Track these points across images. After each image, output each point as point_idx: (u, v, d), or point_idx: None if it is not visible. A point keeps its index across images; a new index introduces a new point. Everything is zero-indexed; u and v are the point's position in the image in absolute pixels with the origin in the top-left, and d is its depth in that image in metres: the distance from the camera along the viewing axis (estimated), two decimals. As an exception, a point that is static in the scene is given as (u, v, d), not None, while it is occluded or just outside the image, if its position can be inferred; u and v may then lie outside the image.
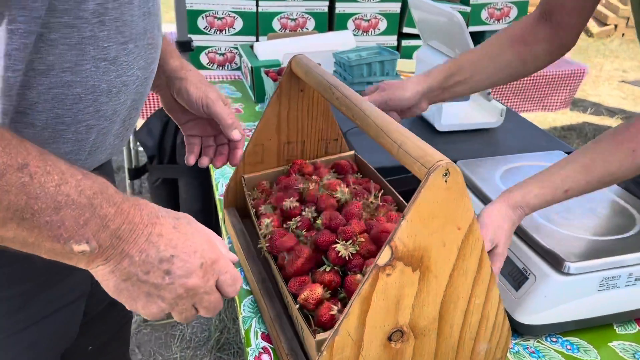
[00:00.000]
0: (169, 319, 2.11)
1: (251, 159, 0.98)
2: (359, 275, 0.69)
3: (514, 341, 0.82)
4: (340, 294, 0.71)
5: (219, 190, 1.21)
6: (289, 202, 0.82)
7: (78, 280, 0.77)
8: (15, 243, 0.49)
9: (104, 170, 0.82)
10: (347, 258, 0.70)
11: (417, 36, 2.15)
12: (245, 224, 0.99)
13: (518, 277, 0.84)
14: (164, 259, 0.54)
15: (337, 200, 0.81)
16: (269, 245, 0.79)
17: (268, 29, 1.98)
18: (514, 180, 1.02)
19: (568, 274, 0.79)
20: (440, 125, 1.35)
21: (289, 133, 0.98)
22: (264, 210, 0.88)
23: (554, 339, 0.83)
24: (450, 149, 1.24)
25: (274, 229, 0.81)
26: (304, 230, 0.78)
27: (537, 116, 4.04)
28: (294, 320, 0.75)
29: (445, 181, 0.56)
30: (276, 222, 0.83)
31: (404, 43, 2.21)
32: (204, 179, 1.97)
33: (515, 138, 1.36)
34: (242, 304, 0.87)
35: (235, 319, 0.79)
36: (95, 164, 0.70)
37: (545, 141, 1.33)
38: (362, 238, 0.72)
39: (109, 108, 0.65)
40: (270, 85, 1.55)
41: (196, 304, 0.58)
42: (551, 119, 4.11)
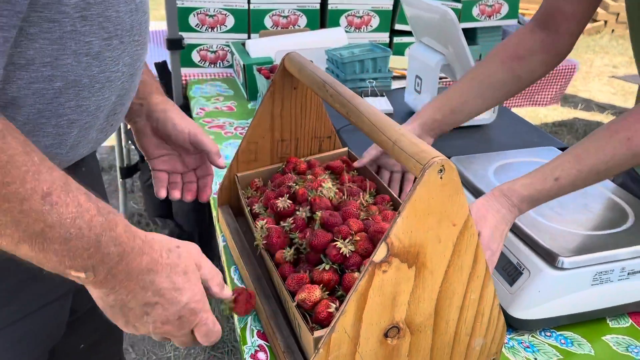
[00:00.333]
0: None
1: (245, 157, 0.98)
2: (356, 274, 0.69)
3: (509, 336, 0.83)
4: (338, 292, 0.71)
5: (213, 188, 1.21)
6: (282, 202, 0.82)
7: (64, 277, 0.78)
8: (20, 256, 0.52)
9: (88, 165, 0.83)
10: (347, 256, 0.70)
11: (410, 33, 2.15)
12: (239, 221, 0.99)
13: (512, 273, 0.84)
14: (148, 303, 0.59)
15: (329, 199, 0.81)
16: (265, 242, 0.79)
17: (260, 26, 1.98)
18: (507, 176, 1.03)
19: (562, 269, 0.80)
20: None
21: (283, 131, 0.98)
22: (257, 209, 0.88)
23: (548, 334, 0.84)
24: (443, 145, 1.25)
25: (269, 226, 0.81)
26: (298, 232, 0.78)
27: (528, 112, 4.06)
28: (290, 318, 0.74)
29: (441, 177, 0.56)
30: (270, 223, 0.83)
31: (397, 40, 2.21)
32: (197, 178, 1.96)
33: (508, 134, 1.36)
34: (238, 302, 0.87)
35: (230, 317, 0.79)
36: (76, 157, 0.70)
37: (537, 137, 1.34)
38: (359, 237, 0.72)
39: (92, 103, 0.65)
40: (262, 83, 1.55)
41: (169, 338, 0.64)
42: (542, 115, 4.14)
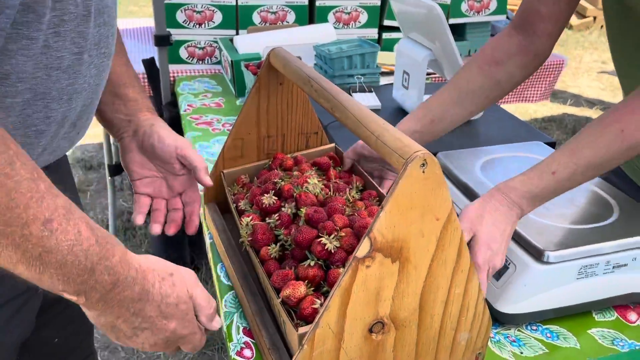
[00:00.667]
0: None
1: (231, 154, 0.97)
2: (341, 269, 0.69)
3: (495, 330, 0.83)
4: (323, 288, 0.71)
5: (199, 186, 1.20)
6: (267, 198, 0.81)
7: None
8: (16, 273, 0.52)
9: (59, 168, 0.82)
10: (332, 252, 0.70)
11: (398, 29, 2.15)
12: (226, 218, 0.98)
13: (498, 267, 0.84)
14: (137, 328, 0.61)
15: (315, 195, 0.81)
16: (250, 239, 0.78)
17: (248, 22, 1.97)
18: (494, 171, 1.03)
19: (547, 263, 0.80)
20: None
21: (269, 127, 0.97)
22: (243, 206, 0.87)
23: (534, 327, 0.84)
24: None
25: (254, 222, 0.80)
26: (283, 229, 0.77)
27: (518, 107, 4.08)
28: (276, 314, 0.74)
29: (423, 172, 0.56)
30: (256, 219, 0.82)
31: (385, 36, 2.21)
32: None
33: (496, 129, 1.36)
34: (224, 299, 0.86)
35: (218, 315, 0.79)
36: (41, 164, 0.70)
37: (525, 132, 1.34)
38: (344, 232, 0.71)
39: (59, 114, 0.66)
40: (250, 79, 1.54)
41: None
42: (532, 111, 4.15)
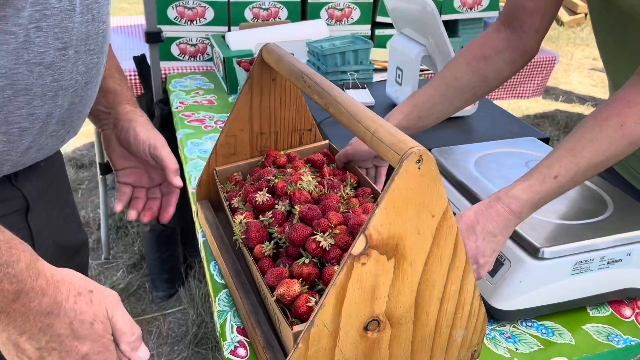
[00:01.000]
0: (144, 315, 2.08)
1: (223, 151, 0.96)
2: (336, 267, 0.68)
3: (490, 327, 0.83)
4: (317, 286, 0.70)
5: (192, 183, 1.19)
6: (260, 196, 0.80)
7: None
8: None
9: (49, 159, 0.79)
10: (326, 249, 0.69)
11: (391, 25, 2.14)
12: (218, 216, 0.97)
13: (494, 263, 0.84)
14: (44, 348, 0.56)
15: (309, 192, 0.80)
16: (244, 237, 0.78)
17: (240, 19, 1.95)
18: (488, 167, 1.02)
19: (542, 259, 0.80)
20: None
21: (262, 123, 0.96)
22: (236, 203, 0.86)
23: (530, 324, 0.84)
24: (424, 137, 1.24)
25: (248, 220, 0.79)
26: (277, 226, 0.76)
27: (511, 104, 4.09)
28: (270, 313, 0.73)
29: (419, 168, 0.55)
30: (249, 217, 0.81)
31: (378, 32, 2.20)
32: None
33: (489, 125, 1.36)
34: (217, 297, 0.85)
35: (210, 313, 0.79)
36: (29, 162, 0.69)
37: (518, 128, 1.34)
38: (339, 230, 0.71)
39: (43, 111, 0.64)
40: (242, 76, 1.53)
41: None
42: (524, 107, 4.16)
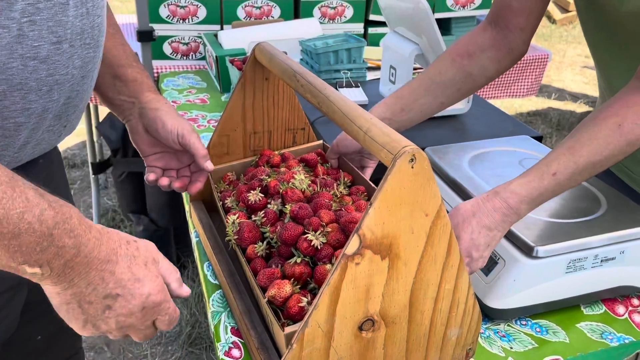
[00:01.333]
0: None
1: (217, 151, 0.96)
2: (328, 265, 0.68)
3: (485, 326, 0.83)
4: (310, 285, 0.70)
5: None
6: (253, 195, 0.80)
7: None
8: None
9: (47, 156, 0.80)
10: (318, 248, 0.69)
11: (384, 23, 2.14)
12: (212, 216, 0.97)
13: (488, 262, 0.84)
14: (110, 295, 0.57)
15: (302, 191, 0.79)
16: (237, 237, 0.77)
17: (232, 17, 1.94)
18: (482, 165, 1.02)
19: (536, 257, 0.79)
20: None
21: (255, 123, 0.96)
22: (229, 203, 0.86)
23: (524, 322, 0.84)
24: (418, 136, 1.24)
25: (240, 220, 0.79)
26: (269, 226, 0.76)
27: (504, 102, 4.10)
28: (263, 314, 0.73)
29: (412, 167, 0.55)
30: (242, 217, 0.81)
31: (371, 30, 2.19)
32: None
33: (483, 124, 1.36)
34: (211, 298, 0.85)
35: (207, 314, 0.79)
36: (27, 157, 0.69)
37: (512, 126, 1.34)
38: (330, 228, 0.70)
39: (39, 106, 0.64)
40: (235, 75, 1.52)
41: (129, 333, 0.63)
42: (517, 105, 4.18)
